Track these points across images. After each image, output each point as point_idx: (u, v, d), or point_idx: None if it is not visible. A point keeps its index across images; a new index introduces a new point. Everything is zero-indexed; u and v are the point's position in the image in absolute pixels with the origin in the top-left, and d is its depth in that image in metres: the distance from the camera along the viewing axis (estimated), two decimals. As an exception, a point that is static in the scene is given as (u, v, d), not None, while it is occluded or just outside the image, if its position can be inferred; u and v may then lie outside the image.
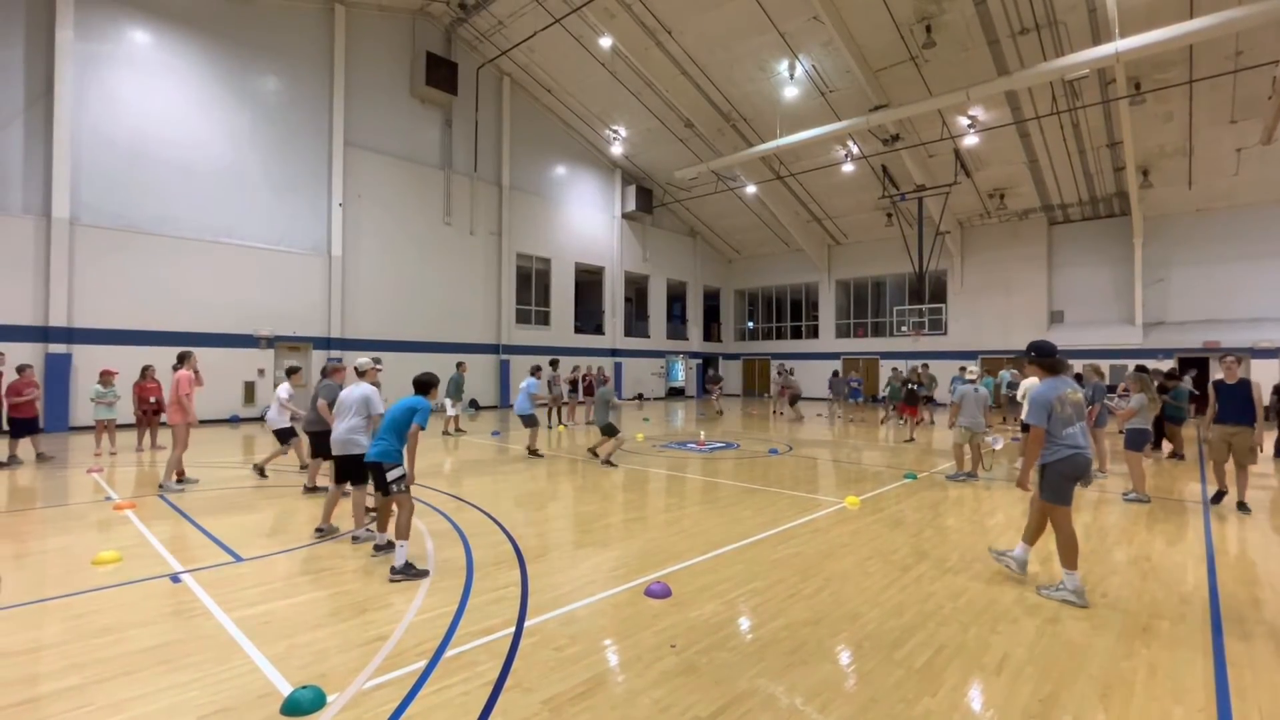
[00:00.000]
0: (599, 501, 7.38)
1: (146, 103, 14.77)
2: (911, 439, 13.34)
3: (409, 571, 4.57)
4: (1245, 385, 6.87)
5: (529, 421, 10.95)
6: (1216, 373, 9.99)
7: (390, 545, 5.04)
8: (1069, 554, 4.26)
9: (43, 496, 7.39)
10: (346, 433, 5.59)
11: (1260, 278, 19.31)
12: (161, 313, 14.89)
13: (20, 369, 9.82)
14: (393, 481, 4.74)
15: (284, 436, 8.50)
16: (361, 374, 6.01)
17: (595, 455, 10.18)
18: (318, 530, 5.74)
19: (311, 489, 7.43)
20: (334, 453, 5.66)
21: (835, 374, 20.93)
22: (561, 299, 24.70)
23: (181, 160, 15.24)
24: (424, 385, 5.07)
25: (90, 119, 14.01)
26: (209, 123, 15.74)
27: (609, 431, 9.88)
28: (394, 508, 4.94)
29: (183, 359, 8.01)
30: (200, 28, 15.54)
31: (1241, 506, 6.91)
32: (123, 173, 14.42)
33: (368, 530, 5.55)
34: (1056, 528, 4.35)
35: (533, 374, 11.84)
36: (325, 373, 7.16)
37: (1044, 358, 4.45)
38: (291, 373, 8.81)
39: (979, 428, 8.63)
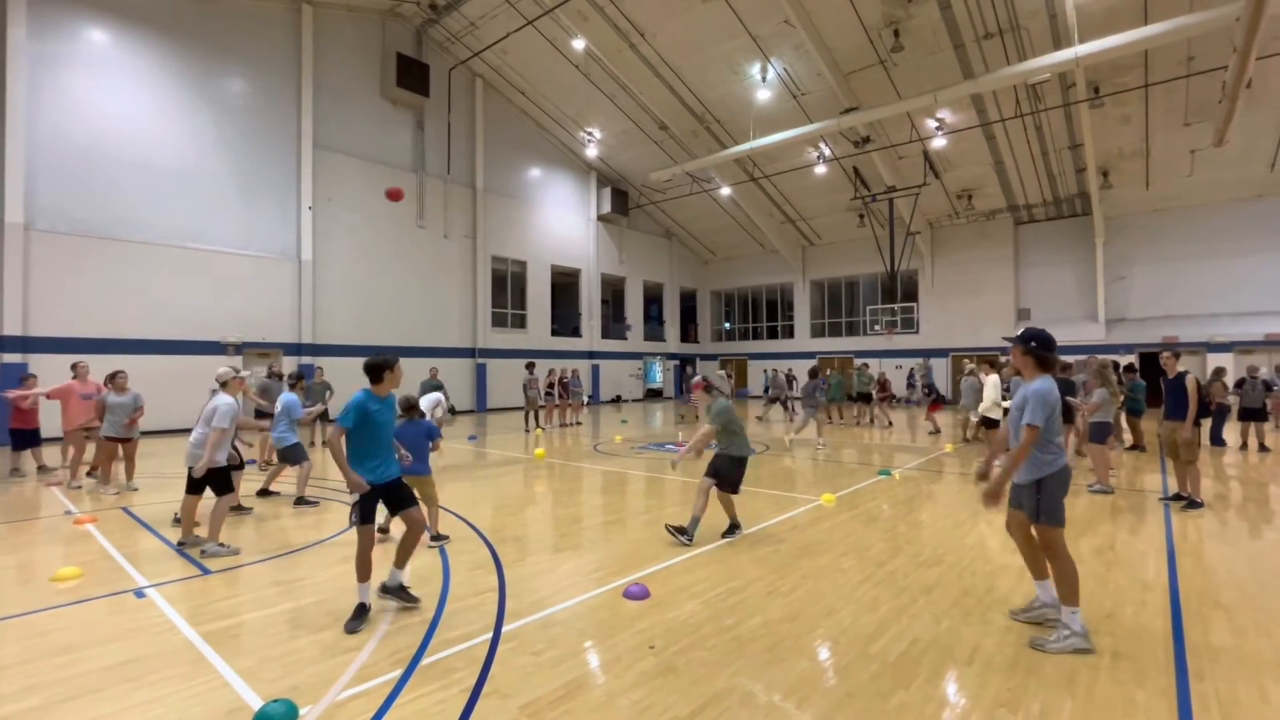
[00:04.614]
0: (577, 505, 7.36)
1: (106, 105, 14.30)
2: (937, 430, 14.87)
3: (402, 594, 4.11)
4: (1179, 379, 6.83)
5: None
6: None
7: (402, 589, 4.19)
8: (1072, 588, 3.46)
9: (-2, 512, 7.12)
10: (193, 446, 5.49)
11: (1214, 274, 20.06)
12: (124, 320, 14.43)
13: (23, 378, 9.42)
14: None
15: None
16: (223, 385, 5.66)
17: (734, 529, 5.79)
18: (179, 544, 5.52)
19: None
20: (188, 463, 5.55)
21: (811, 374, 20.96)
22: (538, 302, 24.56)
23: (144, 164, 14.78)
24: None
25: (46, 121, 13.51)
26: (172, 125, 15.31)
27: (727, 482, 5.63)
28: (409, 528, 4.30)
29: None
30: (162, 28, 15.10)
31: (1192, 503, 6.71)
32: (82, 177, 13.93)
33: (220, 545, 5.32)
34: (1055, 556, 3.51)
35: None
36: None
37: (1045, 350, 3.56)
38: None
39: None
